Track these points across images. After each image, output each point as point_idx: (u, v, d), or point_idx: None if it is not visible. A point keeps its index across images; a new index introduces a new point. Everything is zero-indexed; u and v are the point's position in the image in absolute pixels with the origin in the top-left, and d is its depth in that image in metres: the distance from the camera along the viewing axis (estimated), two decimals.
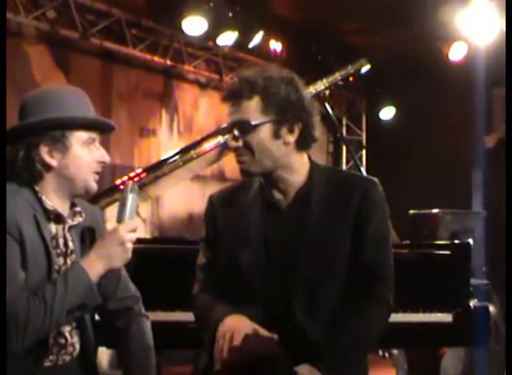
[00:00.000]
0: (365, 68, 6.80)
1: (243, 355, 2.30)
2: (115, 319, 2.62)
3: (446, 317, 3.76)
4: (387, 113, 9.41)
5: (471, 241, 4.03)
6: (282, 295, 2.45)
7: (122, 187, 4.34)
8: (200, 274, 2.64)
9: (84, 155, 2.41)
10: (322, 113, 5.13)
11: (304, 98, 2.49)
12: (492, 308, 3.93)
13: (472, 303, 3.81)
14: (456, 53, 7.96)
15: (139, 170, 4.75)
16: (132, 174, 4.61)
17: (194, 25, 6.88)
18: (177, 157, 4.70)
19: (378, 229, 2.51)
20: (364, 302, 2.48)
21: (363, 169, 5.44)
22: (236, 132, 2.44)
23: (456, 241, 4.55)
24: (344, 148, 9.52)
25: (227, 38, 7.28)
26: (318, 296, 2.46)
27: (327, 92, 5.13)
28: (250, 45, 7.68)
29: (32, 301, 2.20)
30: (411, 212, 6.65)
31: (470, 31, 7.17)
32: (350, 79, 7.45)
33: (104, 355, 5.23)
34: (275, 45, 8.20)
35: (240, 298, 2.48)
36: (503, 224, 3.04)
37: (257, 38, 7.65)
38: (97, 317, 2.62)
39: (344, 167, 9.82)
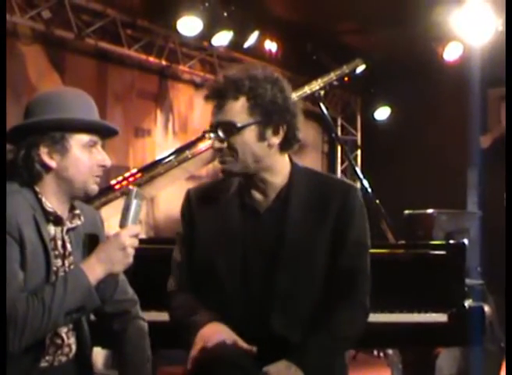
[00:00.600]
0: (360, 68, 6.82)
1: (212, 358, 2.30)
2: (113, 321, 2.62)
3: (441, 317, 3.76)
4: (382, 113, 9.41)
5: (466, 241, 4.02)
6: (259, 300, 2.44)
7: (117, 187, 4.35)
8: (177, 270, 2.63)
9: (84, 157, 2.41)
10: (317, 113, 5.13)
11: (289, 99, 2.47)
12: (487, 309, 3.93)
13: (467, 303, 3.81)
14: (451, 53, 7.96)
15: (134, 170, 4.75)
16: (127, 174, 4.61)
17: (189, 25, 6.87)
18: (172, 157, 4.70)
19: (357, 234, 2.50)
20: (340, 305, 2.47)
21: (358, 169, 5.43)
22: (220, 133, 2.41)
23: (452, 241, 4.54)
24: (339, 148, 9.53)
25: (222, 38, 7.27)
26: (295, 301, 2.45)
27: (322, 92, 5.13)
28: (246, 45, 7.67)
29: (31, 301, 2.20)
30: (406, 212, 6.65)
31: (465, 31, 7.17)
32: (345, 79, 7.46)
33: (99, 355, 5.22)
34: (271, 45, 8.19)
35: (216, 301, 2.48)
36: (498, 224, 3.05)
37: (253, 38, 7.64)
38: (92, 317, 2.62)
39: (339, 167, 9.85)
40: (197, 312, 2.47)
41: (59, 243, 2.43)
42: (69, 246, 2.45)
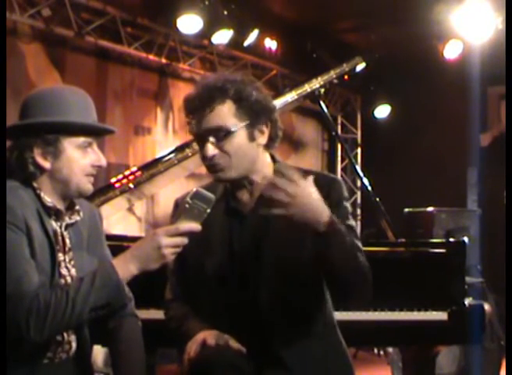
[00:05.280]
0: (360, 66, 6.80)
1: (207, 359, 2.32)
2: (107, 318, 2.61)
3: (441, 315, 3.77)
4: (382, 111, 9.40)
5: (465, 239, 4.03)
6: (248, 300, 2.45)
7: (117, 185, 4.35)
8: (171, 278, 2.67)
9: (78, 158, 2.39)
10: (317, 111, 5.14)
11: (269, 98, 2.51)
12: (487, 307, 3.94)
13: (467, 301, 3.82)
14: (451, 51, 7.95)
15: (134, 169, 4.76)
16: (127, 172, 4.61)
17: (189, 23, 6.87)
18: (172, 155, 4.71)
19: (342, 218, 2.44)
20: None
21: (358, 168, 5.44)
22: (212, 139, 2.41)
23: (451, 239, 4.56)
24: (339, 147, 9.54)
25: (222, 36, 7.25)
26: (283, 298, 2.45)
27: (322, 90, 5.13)
28: (245, 43, 7.67)
29: (54, 291, 2.20)
30: (406, 210, 6.67)
31: (465, 30, 7.17)
32: (345, 77, 7.45)
33: (99, 353, 5.23)
34: (270, 43, 8.20)
35: (209, 306, 2.52)
36: (497, 222, 3.05)
37: (253, 36, 7.63)
38: None
39: (339, 165, 9.86)
40: (189, 323, 2.51)
41: (59, 238, 2.43)
42: (68, 242, 2.45)
